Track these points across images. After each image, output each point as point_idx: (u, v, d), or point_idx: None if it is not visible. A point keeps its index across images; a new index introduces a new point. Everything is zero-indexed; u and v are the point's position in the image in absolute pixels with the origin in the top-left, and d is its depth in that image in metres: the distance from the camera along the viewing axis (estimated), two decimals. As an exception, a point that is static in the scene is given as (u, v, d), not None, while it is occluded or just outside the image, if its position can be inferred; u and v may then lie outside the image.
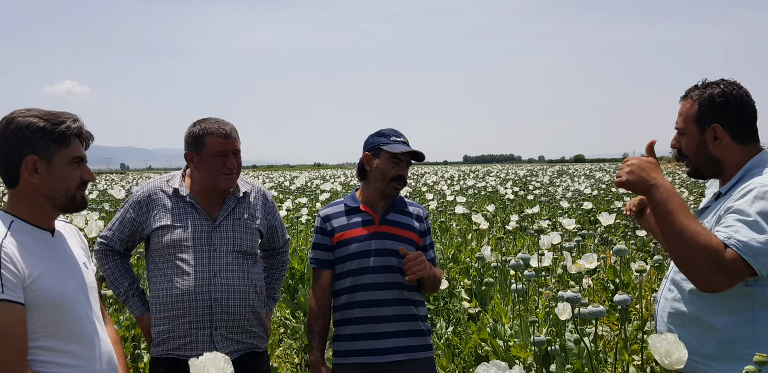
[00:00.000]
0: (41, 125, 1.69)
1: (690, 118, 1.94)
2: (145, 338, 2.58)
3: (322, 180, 21.12)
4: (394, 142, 2.48)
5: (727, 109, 1.89)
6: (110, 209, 10.99)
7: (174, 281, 2.39)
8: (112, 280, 2.55)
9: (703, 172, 1.99)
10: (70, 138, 1.73)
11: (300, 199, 11.10)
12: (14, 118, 1.70)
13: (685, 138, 1.97)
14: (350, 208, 2.54)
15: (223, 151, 2.40)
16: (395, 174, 2.47)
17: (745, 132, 1.92)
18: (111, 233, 2.52)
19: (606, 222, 5.73)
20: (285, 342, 5.16)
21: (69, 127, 1.73)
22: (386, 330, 2.45)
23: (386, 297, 2.45)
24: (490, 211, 9.15)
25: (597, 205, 12.42)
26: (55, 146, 1.71)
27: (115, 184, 24.28)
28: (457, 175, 28.07)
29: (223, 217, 2.46)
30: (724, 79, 1.94)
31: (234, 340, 2.44)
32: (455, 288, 5.69)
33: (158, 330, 2.44)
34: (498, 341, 3.75)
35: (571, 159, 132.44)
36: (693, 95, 1.95)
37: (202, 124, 2.43)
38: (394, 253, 2.46)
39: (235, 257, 2.45)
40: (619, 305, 2.58)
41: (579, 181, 23.02)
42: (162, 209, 2.45)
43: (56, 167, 1.72)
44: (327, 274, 2.54)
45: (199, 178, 2.46)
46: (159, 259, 2.44)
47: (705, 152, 1.94)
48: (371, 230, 2.49)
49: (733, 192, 1.86)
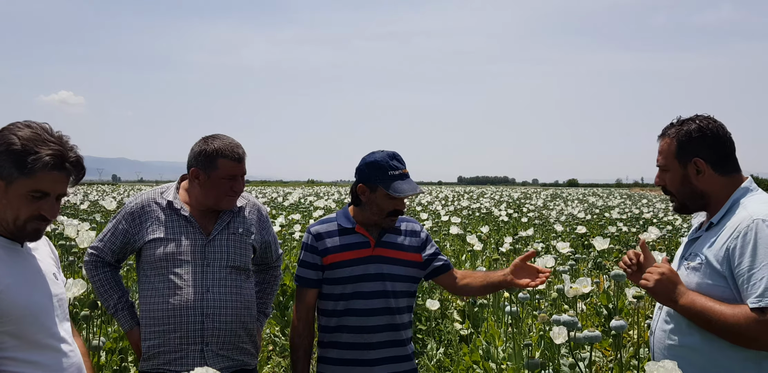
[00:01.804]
0: (14, 148, 1.61)
1: (671, 155, 1.99)
2: (134, 352, 2.52)
3: (315, 197, 21.07)
4: (392, 180, 2.34)
5: (705, 143, 1.95)
6: (101, 219, 10.93)
7: (166, 295, 2.35)
8: (101, 292, 2.49)
9: (688, 207, 2.03)
10: (35, 171, 1.62)
11: (293, 215, 11.06)
12: (6, 130, 1.64)
13: (669, 175, 2.02)
14: (344, 228, 2.44)
15: (233, 175, 2.38)
16: (392, 209, 2.39)
17: (726, 163, 1.97)
18: (102, 244, 2.48)
19: (600, 247, 5.73)
20: (273, 360, 5.09)
21: (37, 159, 1.60)
22: (377, 357, 2.38)
23: (378, 323, 2.38)
24: (484, 232, 9.14)
25: (590, 229, 12.43)
26: (17, 174, 1.62)
27: (107, 195, 24.19)
28: (451, 196, 28.08)
29: (217, 231, 2.43)
30: (698, 114, 2.00)
31: (225, 356, 2.39)
32: (447, 309, 5.64)
33: (148, 344, 2.39)
34: (491, 363, 3.71)
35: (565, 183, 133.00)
36: (670, 133, 2.01)
37: (215, 143, 2.37)
38: (389, 277, 2.40)
39: (228, 272, 2.41)
40: (615, 331, 2.56)
41: (573, 205, 23.08)
42: (155, 222, 2.41)
43: (11, 194, 1.64)
44: (313, 293, 2.46)
45: (201, 197, 2.42)
46: (151, 272, 2.40)
47: (689, 186, 1.98)
48: (366, 253, 2.40)
49: (725, 222, 1.89)
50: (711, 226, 1.95)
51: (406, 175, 2.38)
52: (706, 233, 1.95)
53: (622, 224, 12.93)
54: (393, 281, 2.40)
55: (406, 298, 2.45)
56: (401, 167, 2.37)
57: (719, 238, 1.87)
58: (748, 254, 1.77)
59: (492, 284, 2.45)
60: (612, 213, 16.93)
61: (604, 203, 27.13)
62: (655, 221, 14.99)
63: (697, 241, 1.98)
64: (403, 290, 2.44)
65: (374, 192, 2.37)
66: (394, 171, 2.35)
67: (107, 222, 2.51)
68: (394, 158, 2.38)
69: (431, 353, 4.54)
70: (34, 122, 1.68)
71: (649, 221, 14.96)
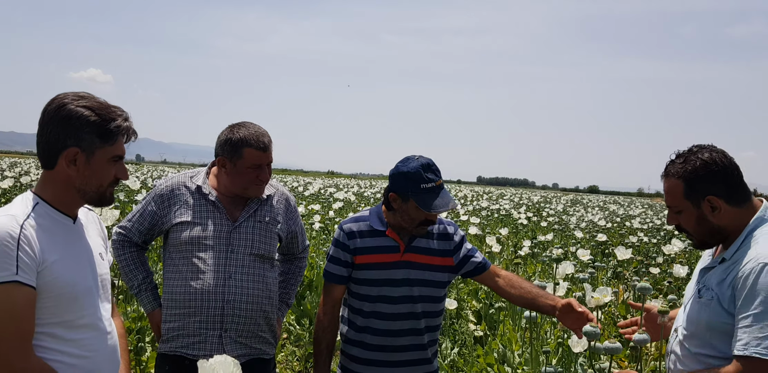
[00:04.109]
0: (92, 119, 1.67)
1: (679, 196, 1.90)
2: (153, 333, 2.55)
3: (335, 188, 21.11)
4: (424, 193, 2.26)
5: (714, 178, 1.86)
6: (125, 198, 11.04)
7: (188, 279, 2.37)
8: (126, 272, 2.52)
9: (709, 243, 1.96)
10: (117, 137, 1.71)
11: (312, 205, 11.08)
12: (66, 104, 1.67)
13: (682, 215, 1.93)
14: (375, 230, 2.40)
15: (258, 164, 2.39)
16: (424, 218, 2.33)
17: (738, 194, 1.89)
18: (130, 225, 2.50)
19: (622, 256, 5.67)
20: (287, 348, 5.12)
21: (119, 126, 1.70)
22: (400, 359, 2.38)
23: (402, 327, 2.37)
24: (503, 234, 9.09)
25: (611, 237, 12.32)
26: (99, 143, 1.69)
27: (131, 174, 24.42)
28: (470, 196, 27.98)
29: (244, 218, 2.44)
30: (696, 145, 1.91)
31: (243, 344, 2.40)
32: (463, 309, 5.63)
33: (168, 326, 2.41)
34: (506, 367, 3.69)
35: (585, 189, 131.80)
36: (674, 173, 1.90)
37: (240, 131, 2.38)
38: (417, 282, 2.37)
39: (251, 259, 2.42)
40: (638, 344, 2.52)
41: (593, 212, 22.88)
42: (183, 205, 2.43)
43: (95, 163, 1.70)
44: (341, 289, 2.44)
45: (228, 184, 2.44)
46: (176, 255, 2.42)
47: (707, 225, 1.90)
48: (395, 258, 2.37)
49: (738, 257, 1.83)
50: (723, 260, 1.89)
51: (440, 187, 2.29)
52: (719, 266, 1.90)
53: (643, 234, 12.79)
54: (420, 286, 2.38)
55: (431, 303, 2.42)
56: (435, 179, 2.28)
57: (729, 276, 1.82)
58: (743, 298, 1.74)
59: (536, 308, 2.41)
60: (633, 222, 16.76)
61: (625, 211, 26.86)
62: (677, 233, 14.79)
63: (710, 272, 1.93)
64: (430, 295, 2.41)
65: (406, 202, 2.31)
66: (426, 184, 2.26)
67: (131, 201, 2.54)
68: (429, 170, 2.28)
69: (445, 352, 4.53)
70: (78, 93, 1.72)
71: (670, 233, 14.78)
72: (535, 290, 2.41)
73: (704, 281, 1.92)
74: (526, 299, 2.39)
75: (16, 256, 1.55)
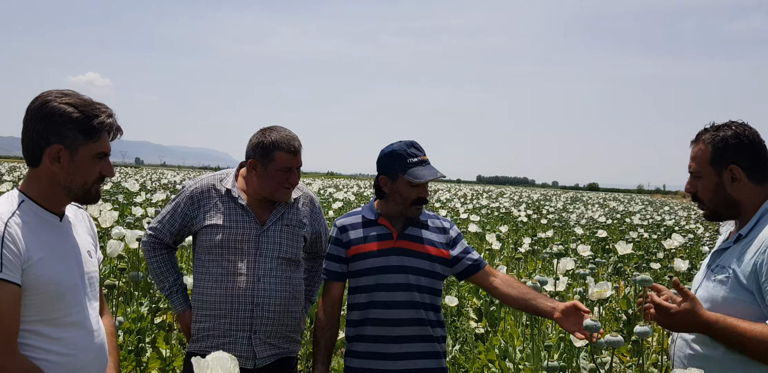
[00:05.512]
0: (75, 116, 1.66)
1: (705, 162, 1.92)
2: (184, 334, 2.59)
3: (335, 189, 21.11)
4: (411, 167, 2.34)
5: (742, 150, 1.89)
6: (124, 201, 11.02)
7: (219, 281, 2.40)
8: (157, 274, 2.55)
9: (720, 215, 1.97)
10: (100, 133, 1.70)
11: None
12: (49, 101, 1.66)
13: (702, 181, 1.95)
14: (368, 220, 2.45)
15: (289, 168, 2.41)
16: (416, 197, 2.38)
17: (762, 171, 1.91)
18: (161, 226, 2.52)
19: (622, 251, 5.66)
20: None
21: (102, 122, 1.69)
22: (400, 351, 2.35)
23: (402, 316, 2.36)
24: (503, 232, 9.08)
25: (611, 234, 12.32)
26: (83, 139, 1.68)
27: (129, 177, 24.43)
28: (470, 194, 27.98)
29: (272, 222, 2.47)
30: (732, 120, 1.94)
31: (271, 344, 2.44)
32: (464, 307, 5.62)
33: (198, 327, 2.45)
34: (508, 363, 3.68)
35: (585, 187, 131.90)
36: (705, 138, 1.93)
37: (272, 135, 2.41)
38: (412, 270, 2.37)
39: (279, 263, 2.45)
40: (640, 337, 2.51)
41: (593, 209, 22.89)
42: (213, 208, 2.46)
43: (79, 160, 1.69)
44: (339, 286, 2.46)
45: (257, 187, 2.46)
46: (205, 257, 2.45)
47: (723, 194, 1.92)
48: (388, 245, 2.39)
49: (754, 235, 1.84)
50: (740, 238, 1.90)
51: (425, 161, 2.37)
52: (735, 245, 1.91)
53: (643, 230, 12.78)
54: (417, 275, 2.38)
55: (430, 295, 2.41)
56: (420, 154, 2.37)
57: (747, 252, 1.82)
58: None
59: (533, 309, 2.35)
60: (633, 219, 16.75)
61: (625, 208, 26.88)
62: (677, 228, 14.81)
63: (725, 252, 1.94)
64: (428, 285, 2.40)
65: (395, 181, 2.37)
66: (412, 158, 2.35)
67: (130, 203, 2.55)
68: (412, 146, 2.38)
69: (447, 349, 4.52)
70: (63, 90, 1.71)
71: (671, 229, 14.79)
72: (533, 293, 2.39)
73: (719, 262, 1.93)
74: (524, 299, 2.36)
75: (1, 253, 1.55)
